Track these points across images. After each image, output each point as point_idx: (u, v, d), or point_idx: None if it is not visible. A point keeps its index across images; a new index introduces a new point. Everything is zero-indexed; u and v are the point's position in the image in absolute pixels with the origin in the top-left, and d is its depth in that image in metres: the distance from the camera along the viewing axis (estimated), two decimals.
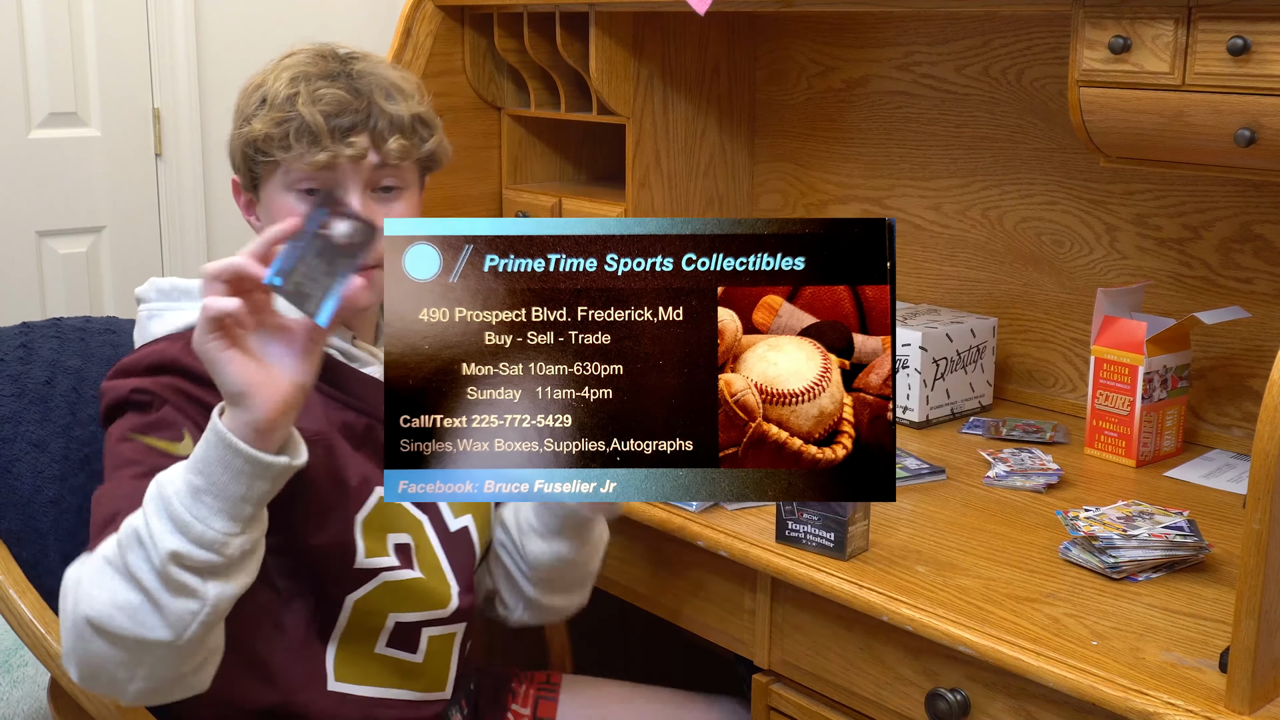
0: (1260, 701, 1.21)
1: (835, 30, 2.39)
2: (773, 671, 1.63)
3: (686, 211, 2.51)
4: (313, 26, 3.03)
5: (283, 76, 1.45)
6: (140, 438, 1.35)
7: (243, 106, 1.48)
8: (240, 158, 1.49)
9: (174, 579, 1.19)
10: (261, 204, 1.50)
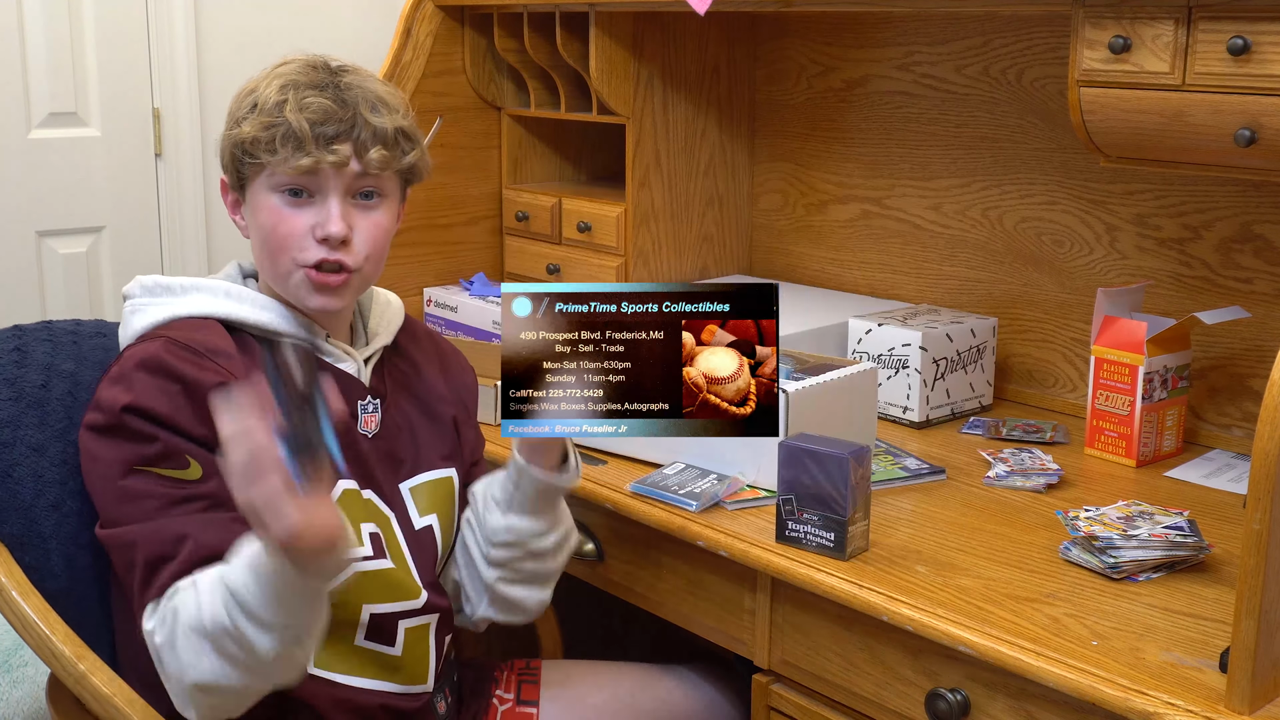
0: (1260, 701, 1.21)
1: (835, 30, 2.39)
2: (773, 671, 1.63)
3: (687, 210, 2.51)
4: (313, 27, 3.03)
5: (274, 84, 1.51)
6: (149, 469, 1.40)
7: (234, 110, 1.54)
8: (229, 158, 1.55)
9: (274, 659, 1.31)
10: (247, 203, 1.55)
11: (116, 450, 1.41)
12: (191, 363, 1.44)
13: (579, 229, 2.51)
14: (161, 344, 1.45)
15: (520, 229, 2.64)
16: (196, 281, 1.55)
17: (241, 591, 1.28)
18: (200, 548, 1.36)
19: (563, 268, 2.56)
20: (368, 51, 3.00)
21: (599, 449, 1.88)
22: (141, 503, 1.39)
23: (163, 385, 1.42)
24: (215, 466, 1.35)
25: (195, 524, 1.38)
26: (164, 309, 1.53)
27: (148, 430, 1.40)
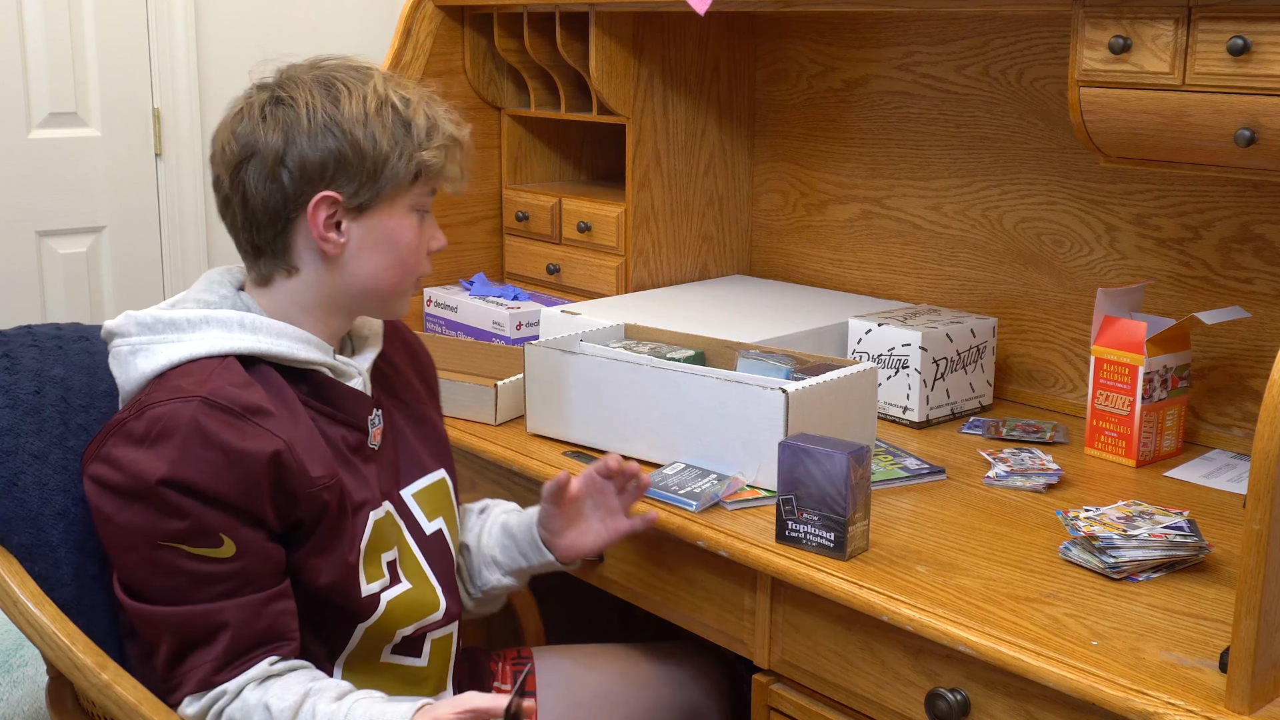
0: (1260, 701, 1.21)
1: (835, 30, 2.39)
2: (773, 671, 1.63)
3: (686, 210, 2.51)
4: (313, 27, 3.03)
5: (419, 106, 1.48)
6: (180, 546, 1.35)
7: (371, 126, 1.44)
8: (377, 177, 1.45)
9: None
10: (364, 222, 1.47)
11: (141, 519, 1.35)
12: (233, 428, 1.36)
13: (579, 229, 2.51)
14: (198, 407, 1.35)
15: (520, 229, 2.64)
16: (205, 315, 1.45)
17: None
18: (236, 640, 1.36)
19: (563, 268, 2.56)
20: (368, 51, 3.00)
21: (599, 449, 1.89)
22: (169, 579, 1.35)
23: (203, 456, 1.34)
24: (247, 541, 1.36)
25: (231, 611, 1.35)
26: (174, 349, 1.42)
27: (183, 505, 1.33)
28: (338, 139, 1.43)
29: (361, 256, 1.48)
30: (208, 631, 1.35)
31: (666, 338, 2.02)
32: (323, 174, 1.43)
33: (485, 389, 2.02)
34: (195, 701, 1.36)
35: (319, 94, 1.44)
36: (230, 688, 1.36)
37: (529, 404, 1.94)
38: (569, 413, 1.90)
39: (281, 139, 1.43)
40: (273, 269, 1.49)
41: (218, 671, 1.36)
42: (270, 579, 1.39)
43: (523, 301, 2.47)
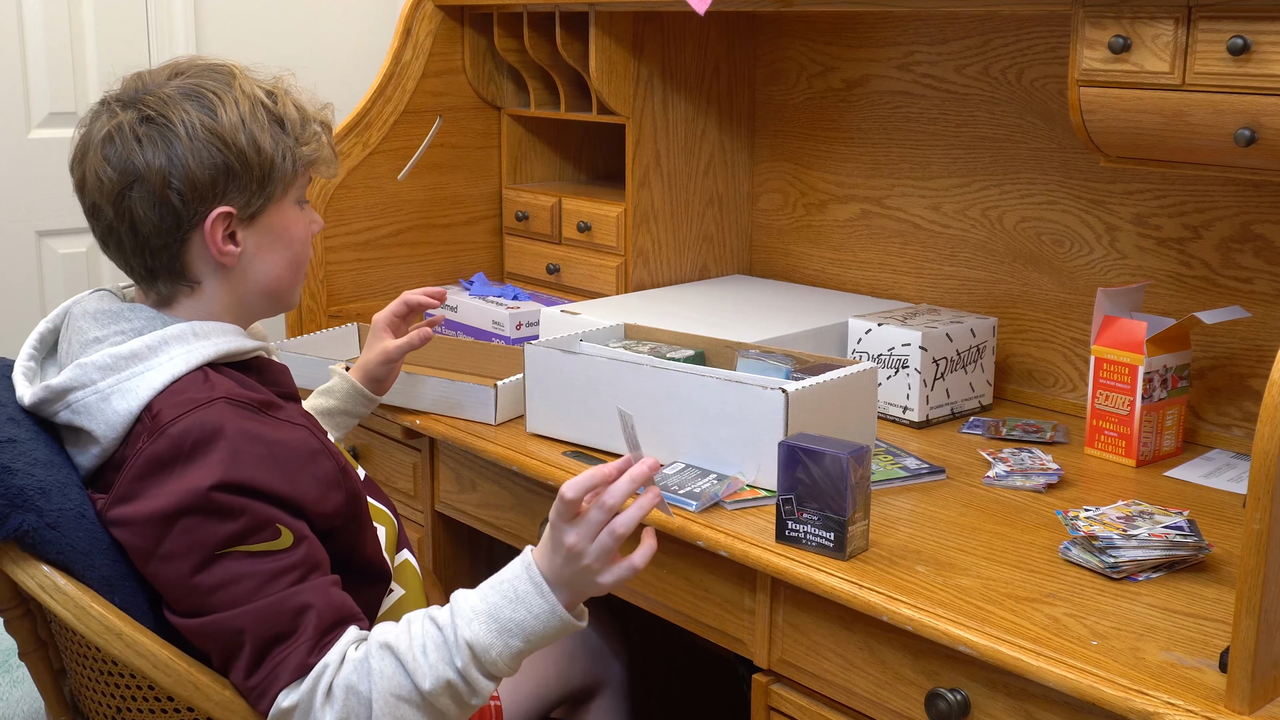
0: (1260, 701, 1.21)
1: (835, 30, 2.39)
2: (772, 671, 1.63)
3: (686, 210, 2.51)
4: (313, 27, 3.03)
5: (270, 95, 1.47)
6: (238, 549, 1.31)
7: (252, 132, 1.42)
8: (266, 182, 1.44)
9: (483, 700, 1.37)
10: (257, 226, 1.46)
11: (189, 538, 1.31)
12: (262, 421, 1.36)
13: (579, 229, 2.51)
14: (223, 408, 1.34)
15: (520, 229, 2.64)
16: (160, 336, 1.40)
17: (489, 650, 1.33)
18: (322, 618, 1.32)
19: (563, 268, 2.56)
20: (368, 51, 3.01)
21: (599, 449, 1.88)
22: (235, 586, 1.31)
23: (250, 451, 1.33)
24: (302, 530, 1.35)
25: (309, 593, 1.32)
26: (151, 378, 1.38)
27: (236, 505, 1.30)
28: (222, 152, 1.40)
29: (258, 260, 1.48)
30: (290, 618, 1.31)
31: (666, 338, 2.02)
32: (213, 189, 1.41)
33: (485, 389, 2.02)
34: (294, 690, 1.30)
35: (192, 107, 1.41)
36: (331, 659, 1.31)
37: (529, 404, 1.94)
38: (569, 413, 1.90)
39: (164, 160, 1.39)
40: (173, 289, 1.46)
41: (311, 652, 1.30)
42: (328, 566, 1.38)
43: (523, 301, 2.47)
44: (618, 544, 1.35)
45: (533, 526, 1.95)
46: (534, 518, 1.94)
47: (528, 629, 1.34)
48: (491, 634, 1.33)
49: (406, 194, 2.58)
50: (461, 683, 1.32)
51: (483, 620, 1.33)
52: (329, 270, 2.52)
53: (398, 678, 1.31)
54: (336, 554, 1.42)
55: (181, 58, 1.51)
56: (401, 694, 1.31)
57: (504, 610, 1.34)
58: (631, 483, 1.36)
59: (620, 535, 1.35)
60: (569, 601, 1.37)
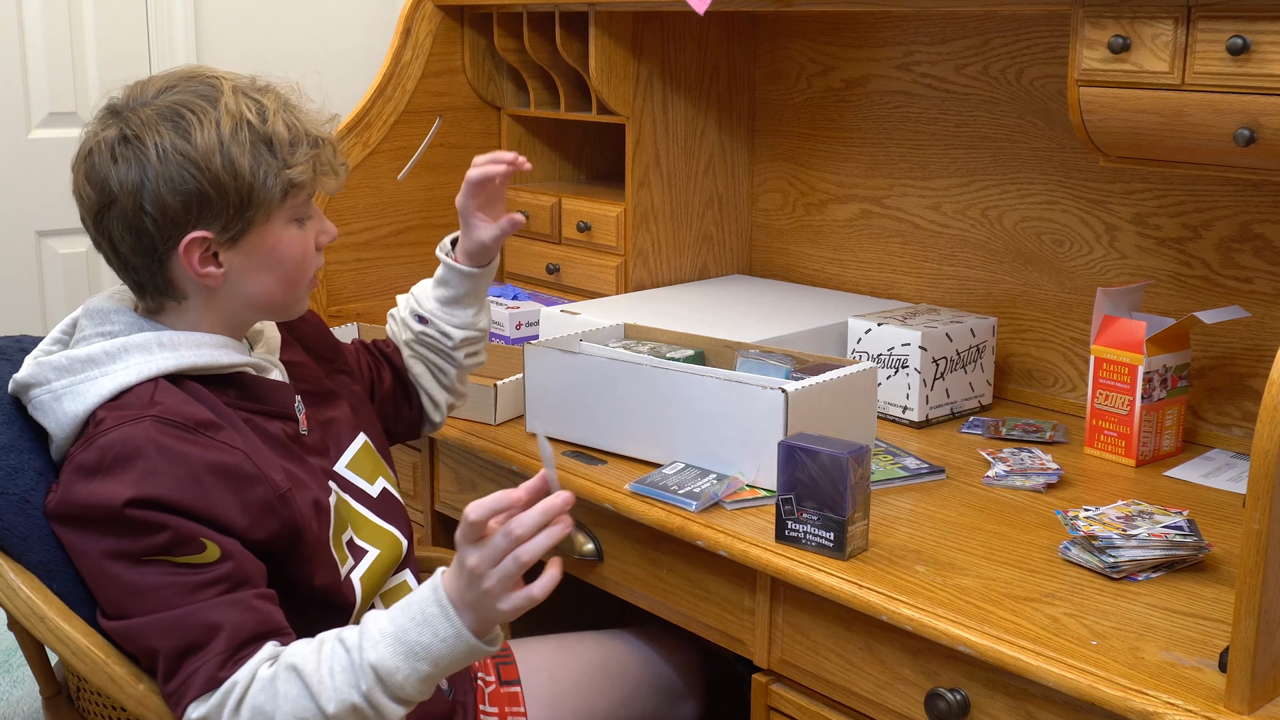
0: (1260, 701, 1.21)
1: (835, 30, 2.39)
2: (772, 671, 1.63)
3: (686, 210, 2.51)
4: (313, 27, 3.03)
5: (276, 116, 1.42)
6: (165, 558, 1.32)
7: (230, 154, 1.38)
8: (245, 206, 1.40)
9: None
10: (243, 246, 1.43)
11: (119, 544, 1.32)
12: (191, 441, 1.35)
13: (579, 229, 2.51)
14: (150, 425, 1.34)
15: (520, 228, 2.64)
16: (121, 344, 1.41)
17: (394, 674, 1.30)
18: (236, 633, 1.32)
19: (562, 267, 2.56)
20: (368, 51, 3.01)
21: (599, 449, 1.88)
22: (158, 593, 1.31)
23: (167, 471, 1.32)
24: (230, 545, 1.34)
25: (224, 609, 1.32)
26: (101, 384, 1.39)
27: (157, 520, 1.31)
28: (195, 178, 1.36)
29: (245, 280, 1.44)
30: (203, 631, 1.31)
31: (666, 338, 2.02)
32: (186, 216, 1.38)
33: (485, 389, 2.01)
34: (203, 704, 1.30)
35: (167, 129, 1.37)
36: (241, 676, 1.30)
37: (529, 404, 1.94)
38: (569, 413, 1.90)
39: (137, 182, 1.37)
40: (160, 301, 1.46)
41: (222, 667, 1.31)
42: (259, 581, 1.37)
43: (522, 301, 2.47)
44: (521, 570, 1.29)
45: None
46: None
47: (434, 653, 1.30)
48: (398, 657, 1.30)
49: (406, 194, 2.58)
50: (367, 706, 1.30)
51: (389, 643, 1.30)
52: (329, 270, 2.52)
53: (302, 700, 1.29)
54: (279, 579, 1.41)
55: (183, 67, 1.47)
56: (306, 717, 1.29)
57: (411, 633, 1.30)
58: (544, 514, 1.28)
59: (524, 563, 1.28)
60: (476, 626, 1.32)
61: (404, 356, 1.83)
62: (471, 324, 1.81)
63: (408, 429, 1.85)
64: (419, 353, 1.82)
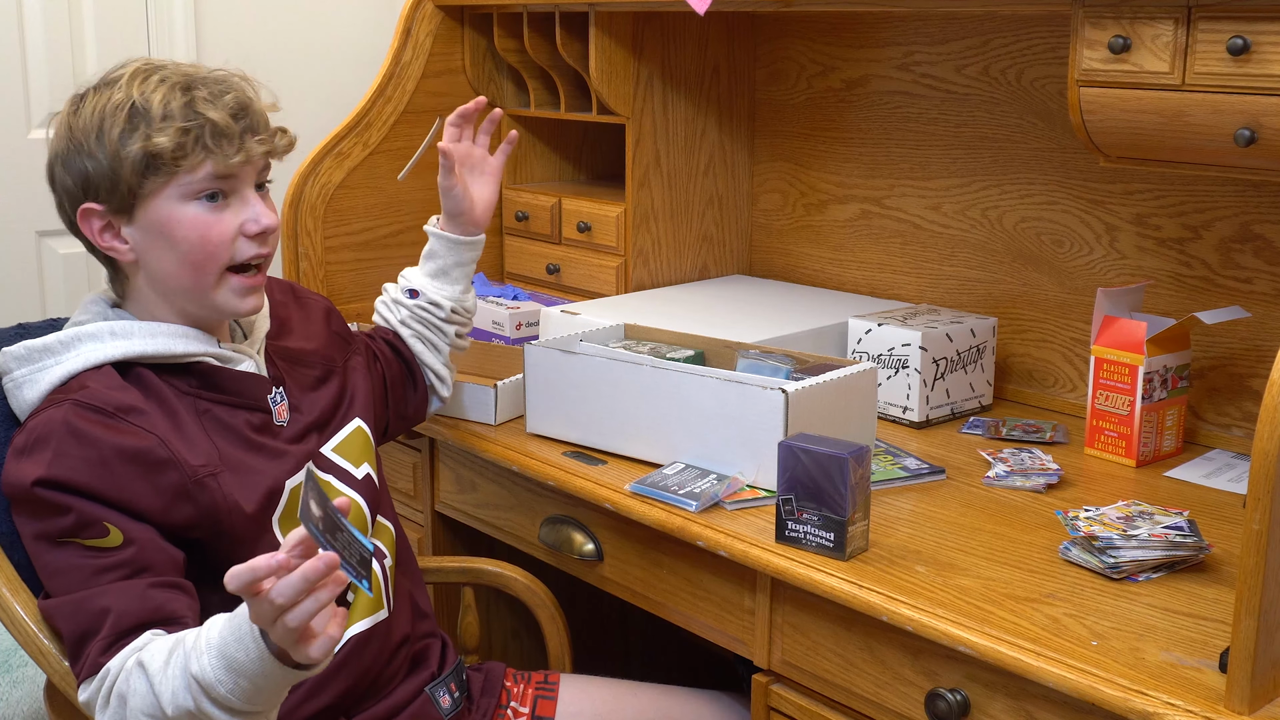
0: (1260, 701, 1.21)
1: (835, 30, 2.39)
2: (772, 671, 1.63)
3: (686, 210, 2.51)
4: (313, 27, 3.03)
5: (157, 89, 1.43)
6: (72, 540, 1.37)
7: (102, 128, 1.42)
8: (112, 179, 1.43)
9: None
10: (138, 223, 1.45)
11: (33, 525, 1.39)
12: (104, 426, 1.38)
13: (579, 229, 2.51)
14: (68, 409, 1.39)
15: (520, 229, 2.64)
16: (75, 333, 1.47)
17: (215, 686, 1.25)
18: (120, 620, 1.34)
19: (562, 267, 2.56)
20: (368, 51, 3.01)
21: (598, 449, 1.88)
22: (67, 575, 1.37)
23: (75, 453, 1.36)
24: (136, 532, 1.37)
25: (114, 595, 1.35)
26: (53, 372, 1.45)
27: (62, 502, 1.35)
28: (77, 151, 1.45)
29: (150, 257, 1.47)
30: (93, 616, 1.35)
31: (666, 338, 2.02)
32: (77, 189, 1.46)
33: (485, 389, 2.02)
34: (87, 687, 1.35)
35: (67, 109, 1.48)
36: (114, 664, 1.33)
37: (529, 404, 1.94)
38: (569, 413, 1.90)
39: (49, 160, 1.49)
40: (119, 284, 1.53)
41: (103, 653, 1.34)
42: (165, 569, 1.38)
43: (523, 301, 2.47)
44: (298, 631, 1.20)
45: (533, 527, 1.95)
46: (534, 518, 1.95)
47: (249, 671, 1.25)
48: (219, 669, 1.25)
49: (406, 194, 2.58)
50: (199, 713, 1.28)
51: (213, 654, 1.26)
52: (329, 270, 2.52)
53: (149, 698, 1.30)
54: (209, 564, 1.41)
55: (134, 59, 1.51)
56: (151, 713, 1.30)
57: (230, 647, 1.25)
58: (304, 581, 1.17)
59: (296, 627, 1.19)
60: (283, 654, 1.24)
61: (404, 337, 1.87)
62: (459, 300, 1.88)
63: (416, 411, 1.89)
64: (415, 329, 1.87)
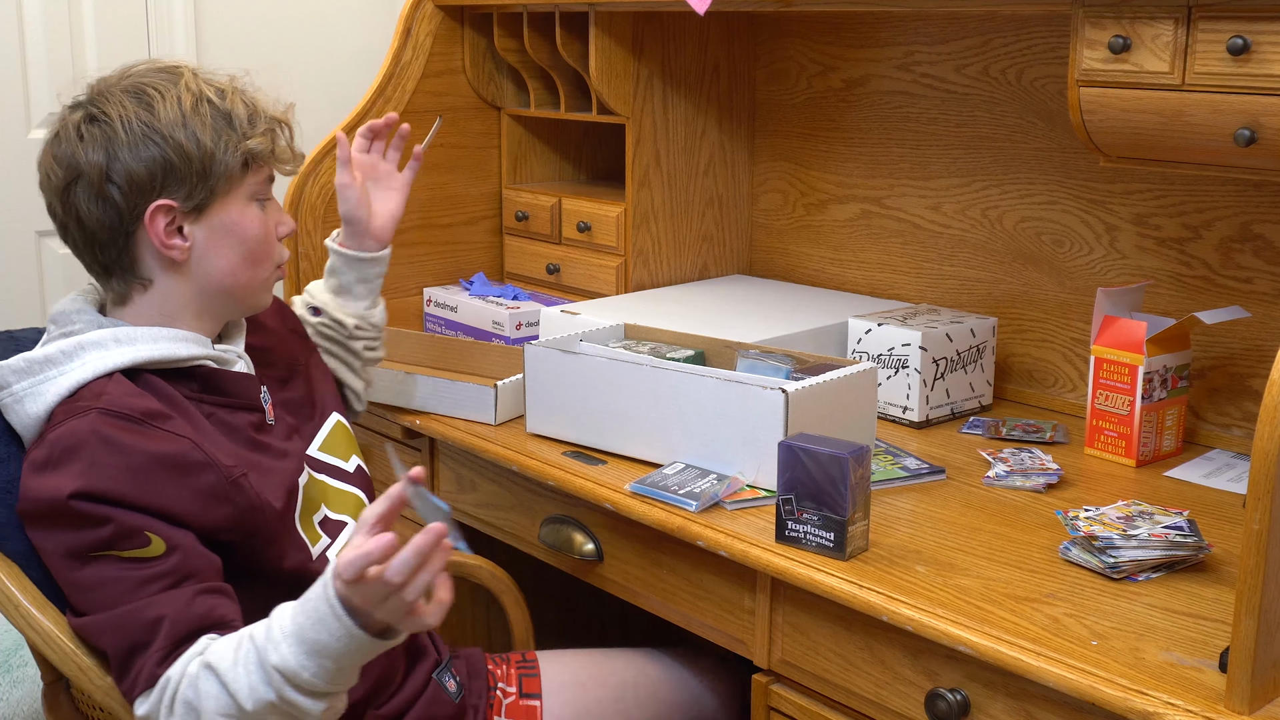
0: (1260, 701, 1.21)
1: (835, 30, 2.39)
2: (772, 671, 1.63)
3: (686, 210, 2.51)
4: (313, 27, 3.03)
5: (234, 94, 1.48)
6: (107, 553, 1.35)
7: (188, 123, 1.44)
8: (206, 174, 1.45)
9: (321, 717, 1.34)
10: (206, 222, 1.47)
11: (68, 538, 1.35)
12: (135, 432, 1.37)
13: (579, 229, 2.51)
14: (95, 418, 1.37)
15: (520, 229, 2.64)
16: (78, 341, 1.44)
17: (300, 673, 1.29)
18: (174, 629, 1.33)
19: (562, 267, 2.56)
20: (368, 51, 3.01)
21: (599, 449, 1.88)
22: (105, 590, 1.35)
23: (110, 462, 1.34)
24: (177, 538, 1.36)
25: (163, 604, 1.34)
26: (59, 383, 1.42)
27: (100, 513, 1.33)
28: (159, 146, 1.43)
29: (210, 256, 1.48)
30: (144, 628, 1.33)
31: (666, 338, 2.02)
32: (151, 184, 1.43)
33: (485, 389, 2.01)
34: (146, 700, 1.34)
35: (131, 104, 1.44)
36: (174, 673, 1.33)
37: (529, 404, 1.94)
38: (569, 413, 1.90)
39: (103, 156, 1.43)
40: (127, 286, 1.49)
41: (160, 663, 1.33)
42: (208, 575, 1.38)
43: (522, 301, 2.47)
44: (412, 605, 1.27)
45: (533, 526, 1.95)
46: (534, 518, 1.95)
47: (333, 651, 1.29)
48: (301, 655, 1.29)
49: None
50: (282, 703, 1.30)
51: (291, 642, 1.29)
52: None
53: (222, 698, 1.30)
54: (243, 566, 1.42)
55: (139, 61, 1.52)
56: (228, 713, 1.30)
57: (309, 632, 1.29)
58: (417, 556, 1.24)
59: (412, 601, 1.26)
60: (372, 627, 1.30)
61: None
62: (363, 316, 1.87)
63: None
64: (323, 345, 1.86)
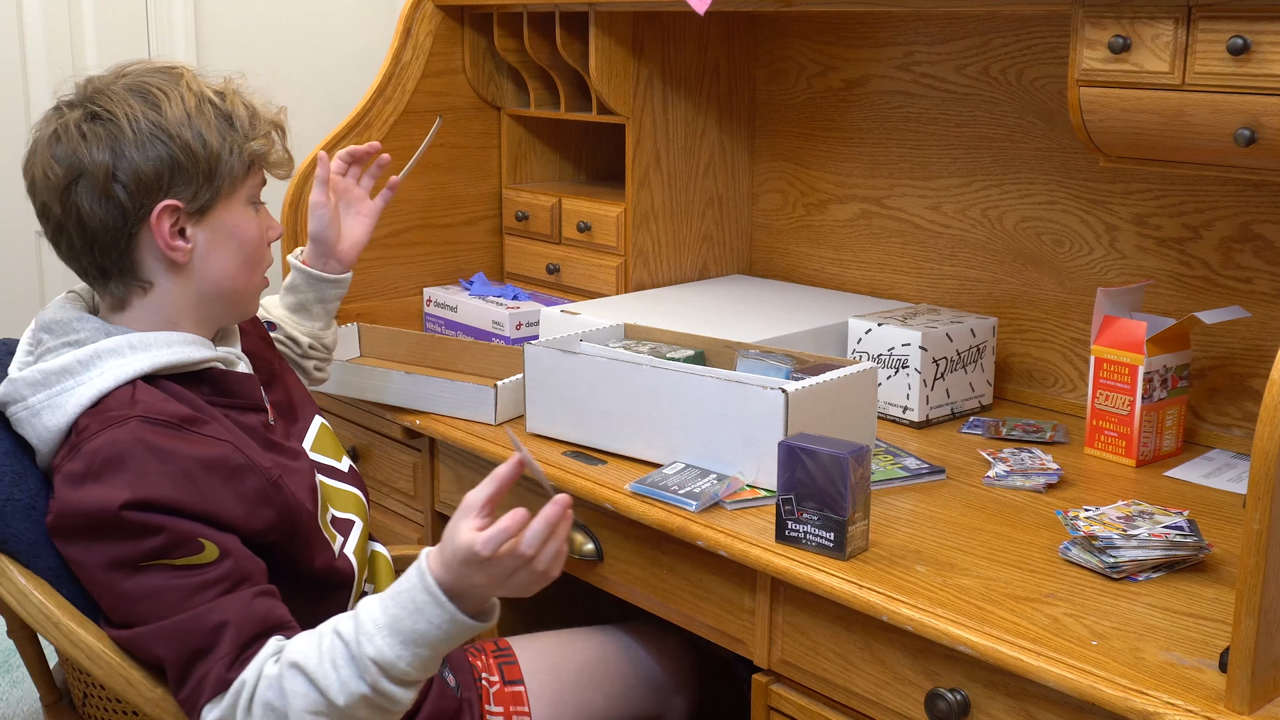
0: (1260, 701, 1.21)
1: (835, 30, 2.39)
2: (772, 671, 1.63)
3: (686, 210, 2.51)
4: (313, 27, 3.03)
5: (233, 97, 1.49)
6: (157, 562, 1.32)
7: (193, 123, 1.43)
8: (212, 174, 1.44)
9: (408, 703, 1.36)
10: (207, 224, 1.46)
11: (115, 550, 1.32)
12: (178, 438, 1.35)
13: (579, 229, 2.51)
14: (136, 426, 1.34)
15: (520, 229, 2.64)
16: (94, 350, 1.41)
17: (396, 663, 1.30)
18: (240, 632, 1.32)
19: (562, 267, 2.56)
20: (368, 51, 3.01)
21: (598, 449, 1.88)
22: (157, 599, 1.32)
23: (158, 469, 1.32)
24: (228, 543, 1.35)
25: (224, 609, 1.32)
26: (79, 394, 1.39)
27: (153, 522, 1.31)
28: (167, 145, 1.41)
29: (210, 259, 1.47)
30: (205, 634, 1.31)
31: (666, 338, 2.02)
32: (159, 183, 1.41)
33: (485, 389, 2.01)
34: (216, 706, 1.31)
35: (137, 103, 1.42)
36: (248, 675, 1.31)
37: (529, 404, 1.94)
38: (569, 413, 1.90)
39: (109, 154, 1.40)
40: (126, 290, 1.46)
41: (230, 668, 1.31)
42: (259, 578, 1.38)
43: (522, 301, 2.47)
44: (545, 571, 1.34)
45: None
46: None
47: (431, 638, 1.31)
48: (397, 646, 1.30)
49: (406, 194, 2.58)
50: (375, 695, 1.31)
51: (385, 634, 1.30)
52: None
53: (311, 695, 1.30)
54: (281, 567, 1.42)
55: (131, 61, 1.51)
56: (318, 710, 1.30)
57: (405, 621, 1.31)
58: (547, 527, 1.32)
59: (543, 570, 1.33)
60: (469, 608, 1.33)
61: None
62: (317, 336, 1.88)
63: None
64: None
